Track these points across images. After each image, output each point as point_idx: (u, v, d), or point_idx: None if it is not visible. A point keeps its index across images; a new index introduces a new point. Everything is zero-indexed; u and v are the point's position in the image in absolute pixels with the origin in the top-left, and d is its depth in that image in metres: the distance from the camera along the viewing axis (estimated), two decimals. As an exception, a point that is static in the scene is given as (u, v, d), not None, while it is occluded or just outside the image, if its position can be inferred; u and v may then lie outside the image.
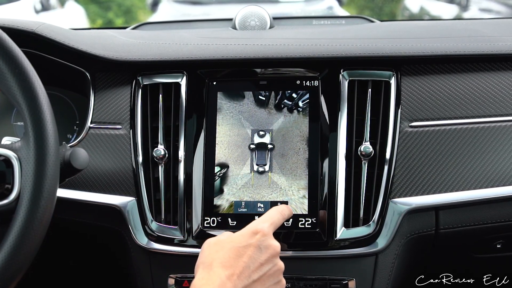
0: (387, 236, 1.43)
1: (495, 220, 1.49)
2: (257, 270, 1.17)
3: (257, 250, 1.19)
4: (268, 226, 1.24)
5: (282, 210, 1.34)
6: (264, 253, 1.19)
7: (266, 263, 1.19)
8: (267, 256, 1.20)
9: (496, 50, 1.53)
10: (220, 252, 1.18)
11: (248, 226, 1.24)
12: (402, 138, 1.47)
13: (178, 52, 1.56)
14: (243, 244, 1.19)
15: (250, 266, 1.17)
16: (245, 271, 1.15)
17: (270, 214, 1.31)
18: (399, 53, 1.51)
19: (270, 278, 1.20)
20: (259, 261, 1.18)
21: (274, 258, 1.22)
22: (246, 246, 1.19)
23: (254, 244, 1.19)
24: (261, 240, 1.20)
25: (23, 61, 1.10)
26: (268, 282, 1.20)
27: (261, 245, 1.20)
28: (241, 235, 1.22)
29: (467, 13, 3.36)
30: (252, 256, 1.18)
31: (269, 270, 1.20)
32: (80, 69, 1.62)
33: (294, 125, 1.49)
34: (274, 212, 1.32)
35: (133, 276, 1.55)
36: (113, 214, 1.49)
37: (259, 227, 1.23)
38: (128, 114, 1.54)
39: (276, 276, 1.22)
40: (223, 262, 1.15)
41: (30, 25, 1.56)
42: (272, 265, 1.21)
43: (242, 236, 1.21)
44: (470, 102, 1.50)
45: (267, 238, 1.21)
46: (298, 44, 1.55)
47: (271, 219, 1.28)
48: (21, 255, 1.03)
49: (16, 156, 1.08)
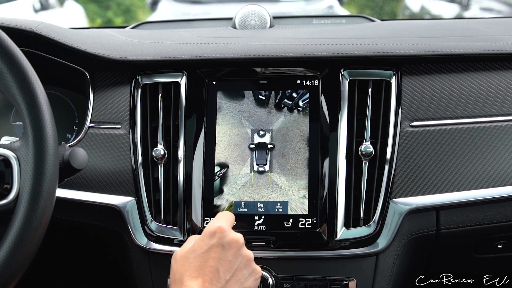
0: (387, 236, 1.42)
1: (496, 220, 1.48)
2: (227, 269, 1.17)
3: (220, 249, 1.18)
4: (223, 222, 1.22)
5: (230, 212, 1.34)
6: (229, 250, 1.18)
7: (234, 258, 1.18)
8: (232, 251, 1.19)
9: (497, 50, 1.53)
10: (185, 264, 1.18)
11: (204, 230, 1.22)
12: (403, 138, 1.46)
13: (177, 52, 1.55)
14: (205, 249, 1.18)
15: (219, 268, 1.16)
16: (215, 275, 1.15)
17: (221, 215, 1.30)
18: (399, 53, 1.50)
19: (243, 270, 1.20)
20: (226, 259, 1.17)
21: (239, 250, 1.20)
22: (208, 249, 1.18)
23: (216, 244, 1.18)
24: (221, 237, 1.18)
25: (22, 61, 1.10)
26: (242, 276, 1.19)
27: (223, 242, 1.18)
28: (201, 241, 1.20)
29: (468, 12, 3.36)
30: (217, 256, 1.17)
31: (239, 264, 1.19)
32: (79, 68, 1.61)
33: (294, 124, 1.48)
34: (224, 213, 1.32)
35: (132, 277, 1.55)
36: (113, 214, 1.49)
37: (216, 225, 1.20)
38: (128, 114, 1.54)
39: (248, 266, 1.21)
40: (191, 274, 1.15)
41: (29, 24, 1.56)
42: (240, 258, 1.20)
43: (202, 241, 1.20)
44: (471, 101, 1.50)
45: (226, 234, 1.19)
46: (298, 44, 1.54)
47: (223, 217, 1.27)
48: (20, 255, 1.03)
49: (15, 156, 1.08)
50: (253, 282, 1.22)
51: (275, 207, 1.45)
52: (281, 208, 1.44)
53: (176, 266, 1.20)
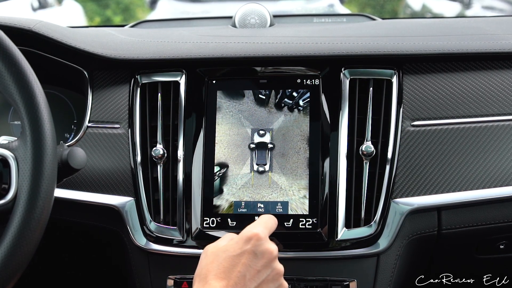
0: (388, 236, 1.41)
1: (498, 220, 1.47)
2: (254, 278, 1.14)
3: (252, 256, 1.15)
4: (262, 229, 1.20)
5: (274, 217, 1.30)
6: (261, 259, 1.15)
7: (264, 269, 1.15)
8: (263, 261, 1.15)
9: (499, 49, 1.52)
10: (214, 262, 1.15)
11: (242, 232, 1.19)
12: (404, 138, 1.45)
13: (177, 51, 1.55)
14: (237, 252, 1.15)
15: (246, 275, 1.13)
16: (240, 281, 1.12)
17: (263, 219, 1.27)
18: (401, 52, 1.49)
19: (269, 283, 1.16)
20: (255, 268, 1.14)
21: (271, 262, 1.17)
22: (241, 254, 1.15)
23: (249, 250, 1.15)
24: (256, 245, 1.15)
25: (20, 60, 1.09)
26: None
27: (256, 250, 1.15)
28: (235, 243, 1.17)
29: (469, 10, 3.35)
30: (247, 263, 1.14)
31: (268, 276, 1.16)
32: (78, 67, 1.60)
33: (295, 124, 1.48)
34: (266, 217, 1.28)
35: (131, 277, 1.54)
36: (111, 214, 1.48)
37: (254, 231, 1.17)
38: (127, 113, 1.53)
39: (276, 280, 1.18)
40: (218, 274, 1.12)
41: (27, 23, 1.55)
42: (270, 270, 1.17)
43: (237, 243, 1.17)
44: (472, 101, 1.49)
45: (262, 243, 1.16)
46: (299, 42, 1.53)
47: (265, 224, 1.24)
48: (18, 256, 1.02)
49: (13, 156, 1.08)
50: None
51: (275, 207, 1.44)
52: (281, 208, 1.44)
53: (205, 261, 1.17)
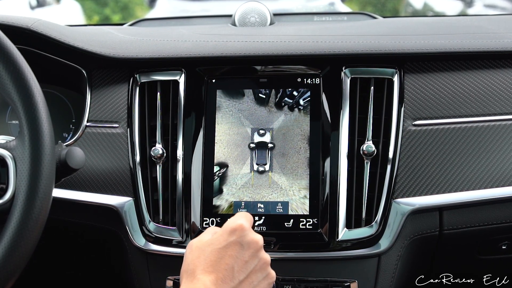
0: (390, 237, 1.41)
1: (500, 220, 1.47)
2: (242, 269, 1.13)
3: (239, 247, 1.14)
4: (245, 221, 1.19)
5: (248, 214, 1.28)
6: (247, 250, 1.15)
7: (251, 259, 1.15)
8: (250, 252, 1.15)
9: (501, 47, 1.51)
10: (201, 257, 1.14)
11: (225, 224, 1.19)
12: (405, 137, 1.45)
13: (176, 49, 1.54)
14: (223, 245, 1.14)
15: (234, 266, 1.13)
16: (229, 273, 1.12)
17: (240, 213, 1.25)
18: (402, 50, 1.49)
19: (258, 273, 1.16)
20: (242, 259, 1.14)
21: (258, 252, 1.17)
22: (227, 246, 1.14)
23: (235, 241, 1.15)
24: (241, 236, 1.15)
25: (18, 58, 1.09)
26: (256, 279, 1.16)
27: (242, 241, 1.15)
28: (220, 235, 1.17)
29: (471, 9, 3.36)
30: (234, 255, 1.14)
31: (255, 266, 1.16)
32: (76, 66, 1.60)
33: (295, 123, 1.47)
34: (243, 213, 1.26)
35: (130, 278, 1.54)
36: (110, 214, 1.47)
37: (237, 223, 1.17)
38: (125, 113, 1.53)
39: (263, 270, 1.18)
40: (205, 268, 1.12)
41: (25, 21, 1.55)
42: (257, 260, 1.16)
43: (221, 236, 1.16)
44: (474, 100, 1.48)
45: (247, 233, 1.16)
46: (299, 41, 1.53)
47: (244, 215, 1.23)
48: (16, 256, 1.02)
49: (11, 155, 1.07)
50: (266, 286, 1.19)
51: (275, 208, 1.43)
52: (281, 208, 1.43)
53: (191, 256, 1.16)
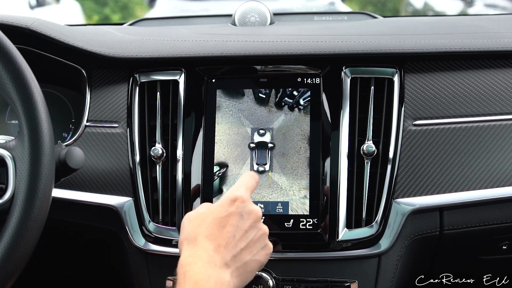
0: (390, 237, 1.40)
1: (501, 220, 1.47)
2: (242, 238, 1.15)
3: (239, 217, 1.16)
4: (244, 191, 1.21)
5: (254, 175, 1.30)
6: (247, 220, 1.16)
7: (250, 229, 1.17)
8: (250, 222, 1.17)
9: (502, 47, 1.51)
10: (202, 225, 1.15)
11: (224, 195, 1.21)
12: (406, 137, 1.44)
13: (176, 49, 1.54)
14: (224, 214, 1.15)
15: (235, 235, 1.14)
16: (231, 241, 1.13)
17: (243, 180, 1.27)
18: (402, 50, 1.48)
19: (257, 243, 1.18)
20: (243, 229, 1.15)
21: (257, 223, 1.18)
22: (228, 215, 1.15)
23: (235, 212, 1.16)
24: (241, 207, 1.17)
25: (18, 58, 1.09)
26: (255, 248, 1.17)
27: (242, 211, 1.16)
28: (220, 205, 1.18)
29: (472, 8, 3.36)
30: (235, 224, 1.15)
31: (254, 235, 1.17)
32: (76, 66, 1.60)
33: (295, 123, 1.46)
34: (246, 177, 1.28)
35: (130, 278, 1.53)
36: (110, 214, 1.47)
37: (237, 193, 1.18)
38: (125, 112, 1.52)
39: (262, 240, 1.19)
40: (208, 235, 1.13)
41: (25, 21, 1.54)
42: (256, 230, 1.18)
43: (222, 206, 1.17)
44: (475, 100, 1.48)
45: (246, 204, 1.18)
46: (299, 41, 1.52)
47: (245, 184, 1.24)
48: (15, 256, 1.02)
49: (10, 155, 1.07)
50: (264, 256, 1.20)
51: (275, 208, 1.43)
52: (281, 208, 1.43)
53: (191, 226, 1.17)
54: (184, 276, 1.07)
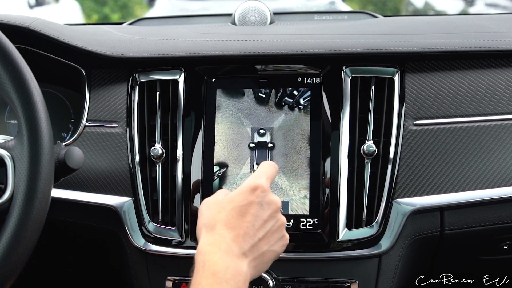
0: (390, 237, 1.40)
1: (502, 220, 1.46)
2: (261, 228, 1.15)
3: (259, 207, 1.16)
4: (265, 181, 1.21)
5: (274, 163, 1.30)
6: (267, 209, 1.17)
7: (270, 219, 1.17)
8: (269, 212, 1.17)
9: (503, 46, 1.51)
10: (222, 212, 1.15)
11: (245, 182, 1.20)
12: (406, 137, 1.44)
13: (176, 48, 1.53)
14: (244, 203, 1.16)
15: (255, 225, 1.14)
16: (249, 231, 1.13)
17: (263, 168, 1.26)
18: (403, 49, 1.48)
19: (275, 234, 1.18)
20: (262, 218, 1.16)
21: (276, 213, 1.19)
22: (248, 203, 1.16)
23: (256, 201, 1.16)
24: (262, 196, 1.17)
25: (17, 58, 1.08)
26: (273, 239, 1.18)
27: (262, 201, 1.17)
28: (240, 193, 1.18)
29: (473, 8, 3.36)
30: (255, 213, 1.15)
31: (273, 226, 1.18)
32: (75, 65, 1.59)
33: (295, 123, 1.46)
34: (266, 165, 1.28)
35: (129, 279, 1.53)
36: (109, 214, 1.47)
37: (258, 182, 1.19)
38: (125, 112, 1.52)
39: (280, 231, 1.20)
40: (227, 223, 1.13)
41: (24, 20, 1.54)
42: (275, 221, 1.18)
43: (242, 194, 1.18)
44: (476, 99, 1.48)
45: (267, 194, 1.18)
46: (299, 40, 1.52)
47: (266, 173, 1.24)
48: (15, 256, 1.02)
49: (10, 155, 1.07)
50: (281, 247, 1.21)
51: (275, 208, 1.42)
52: (281, 208, 1.42)
53: (210, 212, 1.17)
54: (203, 265, 1.07)
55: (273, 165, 1.29)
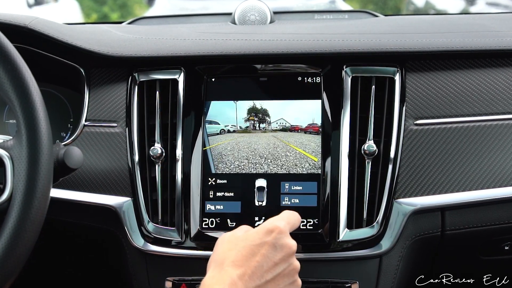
0: (391, 237, 1.39)
1: (503, 221, 1.46)
2: (270, 270, 1.13)
3: (271, 248, 1.14)
4: (284, 224, 1.19)
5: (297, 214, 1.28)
6: (279, 252, 1.15)
7: (281, 262, 1.15)
8: (282, 255, 1.15)
9: (504, 46, 1.50)
10: (233, 250, 1.14)
11: (264, 223, 1.19)
12: (407, 137, 1.44)
13: (175, 48, 1.53)
14: (257, 242, 1.14)
15: (264, 266, 1.12)
16: (257, 271, 1.11)
17: (286, 214, 1.25)
18: (403, 49, 1.48)
19: (285, 278, 1.16)
20: (273, 260, 1.14)
21: (289, 257, 1.17)
22: (261, 244, 1.14)
23: (269, 242, 1.14)
24: (276, 238, 1.15)
25: (16, 57, 1.08)
26: (283, 283, 1.15)
27: (276, 243, 1.15)
28: (256, 233, 1.17)
29: (474, 7, 3.35)
30: (266, 255, 1.13)
31: (284, 270, 1.15)
32: (74, 65, 1.59)
33: (296, 122, 1.45)
34: (290, 213, 1.27)
35: (129, 279, 1.52)
36: (109, 215, 1.46)
37: (275, 224, 1.17)
38: (124, 112, 1.52)
39: (291, 276, 1.18)
40: (235, 261, 1.12)
41: (23, 19, 1.54)
42: (287, 265, 1.16)
43: (257, 233, 1.17)
44: (477, 99, 1.47)
45: (283, 236, 1.16)
46: (300, 39, 1.52)
47: (287, 218, 1.23)
48: (14, 257, 1.01)
49: (8, 155, 1.06)
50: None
51: (276, 208, 1.42)
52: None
53: (222, 248, 1.17)
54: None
55: (297, 215, 1.27)
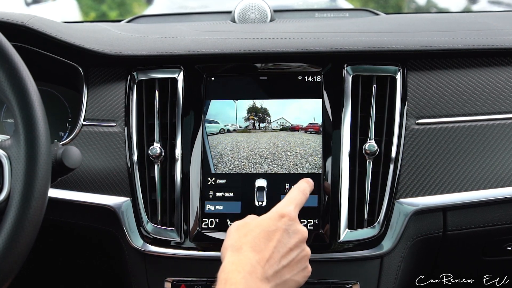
0: (392, 238, 1.39)
1: (505, 221, 1.45)
2: (286, 255, 1.15)
3: (285, 234, 1.16)
4: (293, 209, 1.21)
5: (304, 189, 1.29)
6: (293, 238, 1.17)
7: (295, 248, 1.17)
8: (295, 241, 1.17)
9: (507, 44, 1.50)
10: (249, 235, 1.15)
11: (274, 209, 1.21)
12: (409, 136, 1.43)
13: (174, 46, 1.52)
14: (272, 228, 1.16)
15: (280, 251, 1.14)
16: (274, 256, 1.13)
17: (292, 196, 1.27)
18: (405, 47, 1.47)
19: (298, 263, 1.18)
20: (288, 246, 1.16)
21: (301, 243, 1.19)
22: (275, 230, 1.16)
23: (283, 228, 1.16)
24: (288, 224, 1.17)
25: (13, 56, 1.08)
26: (296, 268, 1.17)
27: (289, 229, 1.17)
28: (268, 218, 1.19)
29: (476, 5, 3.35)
30: (281, 240, 1.15)
31: (297, 255, 1.18)
32: (72, 64, 1.59)
33: (296, 122, 1.45)
34: (296, 192, 1.28)
35: (128, 280, 1.52)
36: (107, 215, 1.46)
37: (286, 210, 1.19)
38: (123, 111, 1.51)
39: (304, 262, 1.20)
40: (253, 246, 1.13)
41: (21, 18, 1.53)
42: (300, 250, 1.18)
43: (270, 219, 1.18)
44: (479, 98, 1.47)
45: (294, 223, 1.19)
46: (300, 38, 1.51)
47: (294, 201, 1.24)
48: (11, 257, 1.01)
49: (6, 155, 1.06)
50: (302, 278, 1.20)
51: (276, 208, 1.41)
52: None
53: (237, 234, 1.17)
54: (225, 282, 1.06)
55: (303, 192, 1.28)
